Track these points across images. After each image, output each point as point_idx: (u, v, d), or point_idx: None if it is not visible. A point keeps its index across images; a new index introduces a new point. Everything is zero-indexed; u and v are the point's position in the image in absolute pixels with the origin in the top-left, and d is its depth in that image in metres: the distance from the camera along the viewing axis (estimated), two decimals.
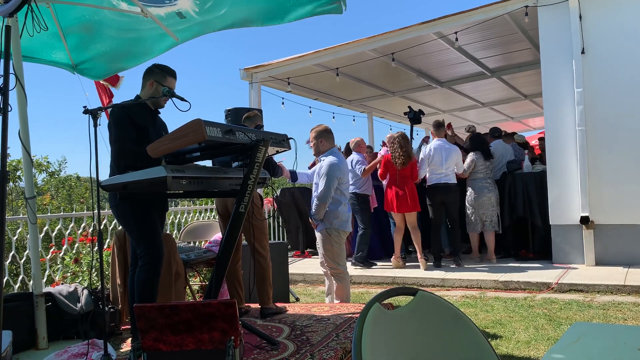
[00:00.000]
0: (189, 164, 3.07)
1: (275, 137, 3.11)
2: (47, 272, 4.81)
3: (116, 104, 3.15)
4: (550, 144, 6.15)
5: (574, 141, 5.92)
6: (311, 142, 4.42)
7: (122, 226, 3.27)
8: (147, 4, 3.53)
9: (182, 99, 2.90)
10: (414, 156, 6.35)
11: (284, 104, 9.46)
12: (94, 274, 4.51)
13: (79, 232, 5.23)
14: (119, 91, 4.90)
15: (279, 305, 4.04)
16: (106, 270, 3.90)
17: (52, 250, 5.04)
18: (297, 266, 7.02)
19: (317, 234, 4.26)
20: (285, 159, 4.49)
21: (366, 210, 6.67)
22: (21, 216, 4.91)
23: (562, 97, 6.01)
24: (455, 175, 6.42)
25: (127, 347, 3.27)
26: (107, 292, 3.87)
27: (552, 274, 5.49)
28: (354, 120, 11.98)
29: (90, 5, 3.59)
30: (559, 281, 5.17)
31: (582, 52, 5.85)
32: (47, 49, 3.99)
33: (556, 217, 6.04)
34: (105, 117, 3.72)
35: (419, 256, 6.26)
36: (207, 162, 3.41)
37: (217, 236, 4.66)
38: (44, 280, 4.62)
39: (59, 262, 4.97)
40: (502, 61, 8.98)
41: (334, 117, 11.22)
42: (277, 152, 3.35)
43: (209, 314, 2.32)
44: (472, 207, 6.52)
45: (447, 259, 6.73)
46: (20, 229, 4.82)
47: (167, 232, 4.91)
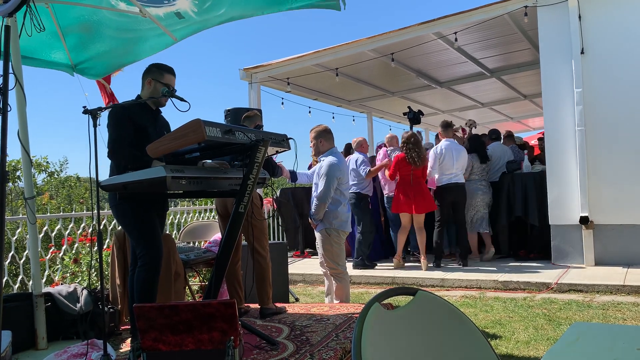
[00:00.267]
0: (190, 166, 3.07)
1: (274, 137, 3.11)
2: (46, 272, 4.80)
3: (116, 104, 3.15)
4: (549, 144, 6.15)
5: (573, 141, 5.92)
6: (311, 142, 4.42)
7: (121, 226, 3.27)
8: (146, 4, 3.53)
9: (182, 99, 2.90)
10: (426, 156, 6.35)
11: (283, 104, 9.48)
12: (94, 274, 4.51)
13: (79, 232, 5.22)
14: (119, 92, 4.89)
15: (279, 305, 4.04)
16: (106, 270, 3.90)
17: (51, 250, 5.03)
18: (297, 266, 7.02)
19: (317, 234, 4.26)
20: (281, 162, 4.49)
21: (367, 210, 6.65)
22: (20, 216, 4.91)
23: (561, 97, 6.01)
24: (463, 175, 6.44)
25: (126, 347, 3.27)
26: (107, 292, 3.86)
27: (551, 274, 5.49)
28: (354, 120, 12.00)
29: (88, 5, 3.59)
30: (559, 281, 5.18)
31: (582, 52, 5.85)
32: (46, 48, 3.99)
33: (556, 217, 6.04)
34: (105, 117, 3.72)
35: (422, 257, 6.24)
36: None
37: (217, 236, 4.66)
38: (44, 280, 4.61)
39: (58, 262, 4.96)
40: (501, 61, 8.98)
41: (333, 117, 11.25)
42: (277, 152, 3.35)
43: (209, 314, 2.31)
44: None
45: (447, 259, 6.74)
46: (19, 229, 4.82)
47: (167, 232, 4.91)
